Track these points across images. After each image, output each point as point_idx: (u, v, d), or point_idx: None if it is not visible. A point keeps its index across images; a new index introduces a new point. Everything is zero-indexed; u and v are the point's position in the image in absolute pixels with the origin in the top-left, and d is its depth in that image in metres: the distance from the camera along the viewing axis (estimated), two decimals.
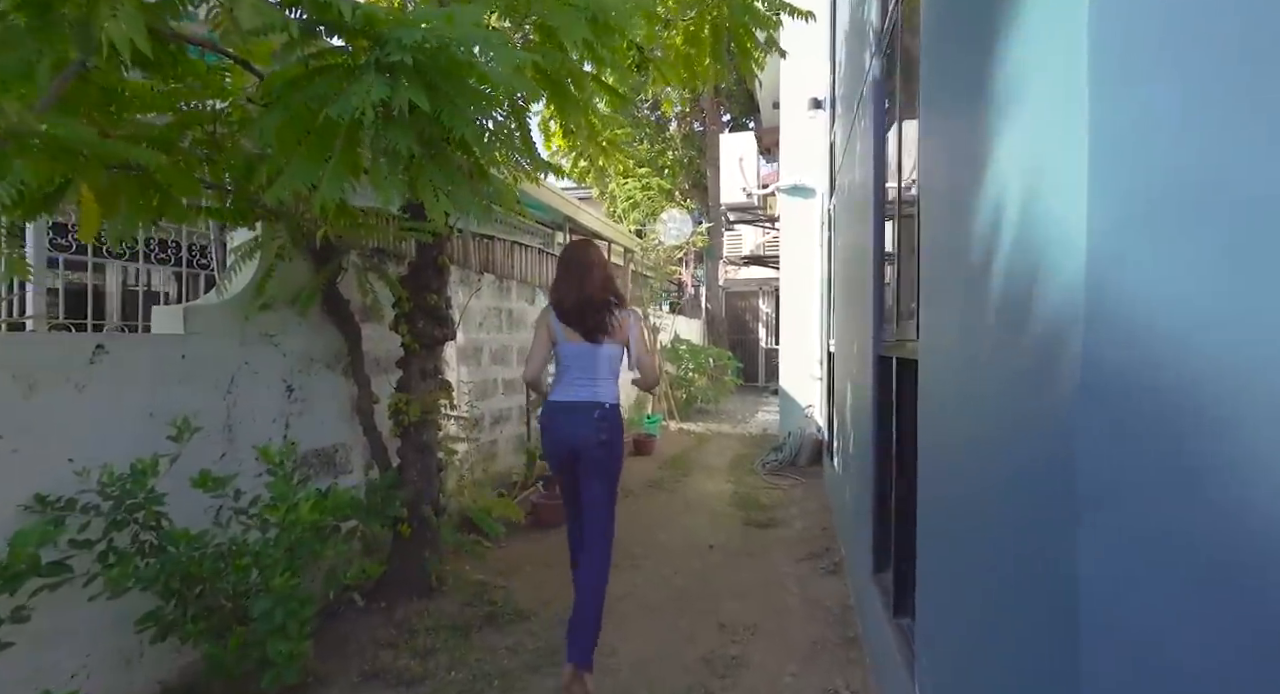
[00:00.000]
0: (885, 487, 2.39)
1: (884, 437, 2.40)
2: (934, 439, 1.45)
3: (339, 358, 2.96)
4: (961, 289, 1.23)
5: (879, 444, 2.43)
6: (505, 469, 4.80)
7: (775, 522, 4.37)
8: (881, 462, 2.41)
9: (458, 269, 4.19)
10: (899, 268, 2.03)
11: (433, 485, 3.12)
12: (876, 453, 2.44)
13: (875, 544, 2.43)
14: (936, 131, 1.46)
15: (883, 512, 2.40)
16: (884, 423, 2.40)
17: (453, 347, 4.07)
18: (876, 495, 2.44)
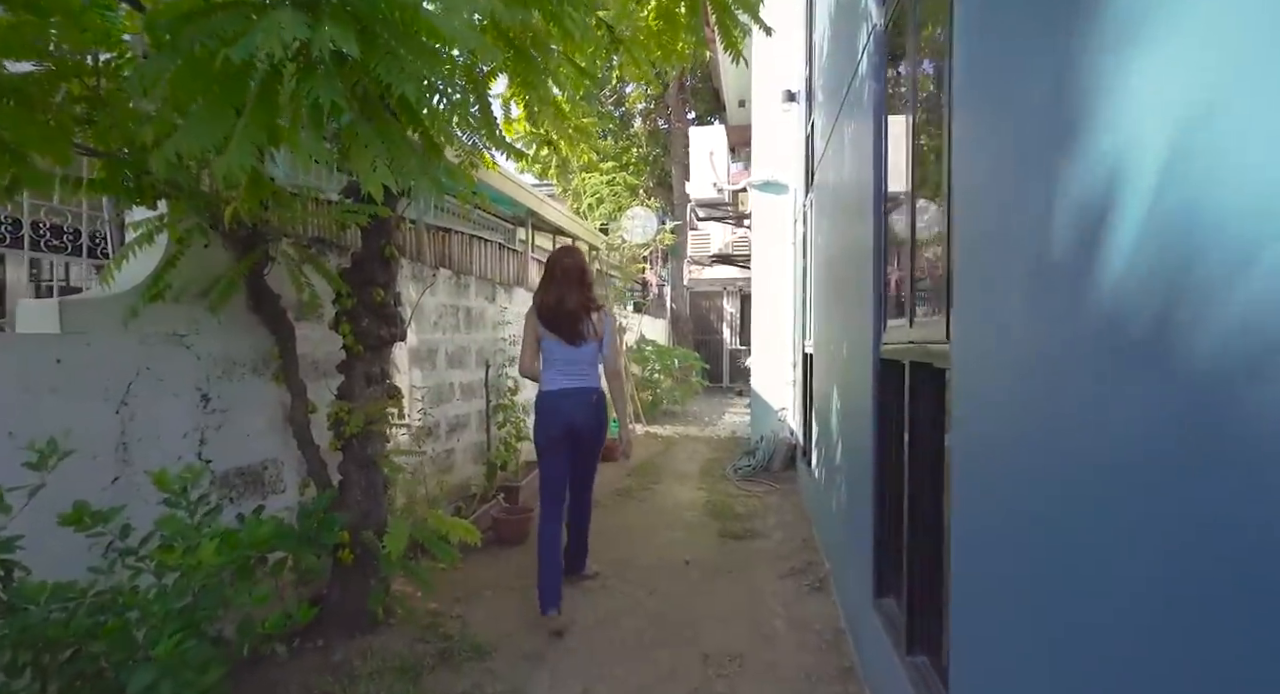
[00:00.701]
0: (888, 503, 2.16)
1: (887, 447, 2.17)
2: (979, 456, 1.21)
3: (268, 361, 2.58)
4: (1024, 287, 1.00)
5: (880, 455, 2.20)
6: (463, 481, 4.44)
7: (753, 533, 4.14)
8: (884, 475, 2.18)
9: (410, 263, 3.82)
10: (911, 264, 1.80)
11: (378, 505, 2.77)
12: (878, 465, 2.21)
13: (876, 567, 2.20)
14: (983, 109, 1.22)
15: (886, 531, 2.18)
16: (888, 432, 2.17)
17: (404, 348, 3.70)
18: (877, 512, 2.21)
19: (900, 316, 2.04)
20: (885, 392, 2.18)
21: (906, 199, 1.91)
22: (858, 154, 2.62)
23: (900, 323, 2.02)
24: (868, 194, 2.34)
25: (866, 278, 2.37)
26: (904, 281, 1.96)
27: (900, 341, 1.96)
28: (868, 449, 2.30)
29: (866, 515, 2.31)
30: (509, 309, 5.24)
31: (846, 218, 2.92)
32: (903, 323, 1.98)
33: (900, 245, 2.09)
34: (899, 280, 2.06)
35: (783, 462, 5.73)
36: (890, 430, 2.17)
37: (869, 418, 2.30)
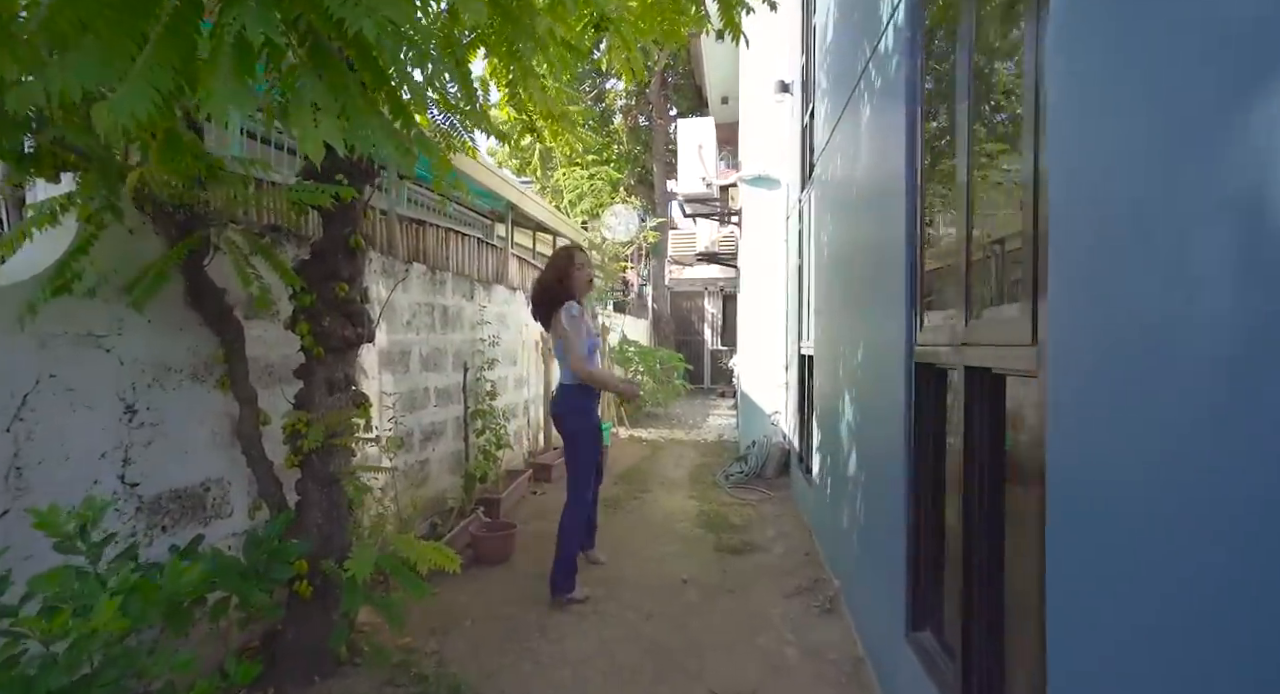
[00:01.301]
0: (926, 526, 1.91)
1: (924, 462, 1.92)
2: (1098, 488, 0.95)
3: (211, 366, 2.24)
4: (1184, 277, 0.74)
5: (915, 471, 1.95)
6: (439, 493, 4.11)
7: (751, 546, 3.88)
8: (920, 493, 1.93)
9: (380, 256, 3.49)
10: (965, 256, 1.55)
11: (341, 529, 2.44)
12: (912, 482, 1.96)
13: (911, 596, 1.95)
14: (1103, 62, 0.97)
15: (922, 557, 1.92)
16: (924, 445, 1.92)
17: (372, 350, 3.36)
18: (911, 536, 1.96)
19: (944, 314, 1.79)
20: (922, 399, 1.93)
21: (951, 183, 1.66)
22: (881, 139, 2.37)
23: (944, 321, 1.77)
24: (896, 181, 2.09)
25: (894, 273, 2.11)
26: (949, 275, 1.71)
27: (945, 343, 1.70)
28: (897, 463, 2.05)
29: (896, 538, 2.06)
30: (488, 308, 4.92)
31: (863, 209, 2.68)
32: (946, 322, 1.73)
33: (942, 236, 1.84)
34: (942, 274, 1.81)
35: (776, 468, 5.49)
36: (928, 443, 1.92)
37: (899, 428, 2.05)
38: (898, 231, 2.08)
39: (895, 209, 2.12)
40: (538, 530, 4.17)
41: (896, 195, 2.09)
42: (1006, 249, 1.37)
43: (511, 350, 5.50)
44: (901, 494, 2.02)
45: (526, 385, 5.90)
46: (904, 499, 2.00)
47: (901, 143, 2.03)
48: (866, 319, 2.60)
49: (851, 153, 2.93)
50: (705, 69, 11.34)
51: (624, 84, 3.42)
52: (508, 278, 5.88)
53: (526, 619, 2.88)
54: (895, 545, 2.08)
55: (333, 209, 2.46)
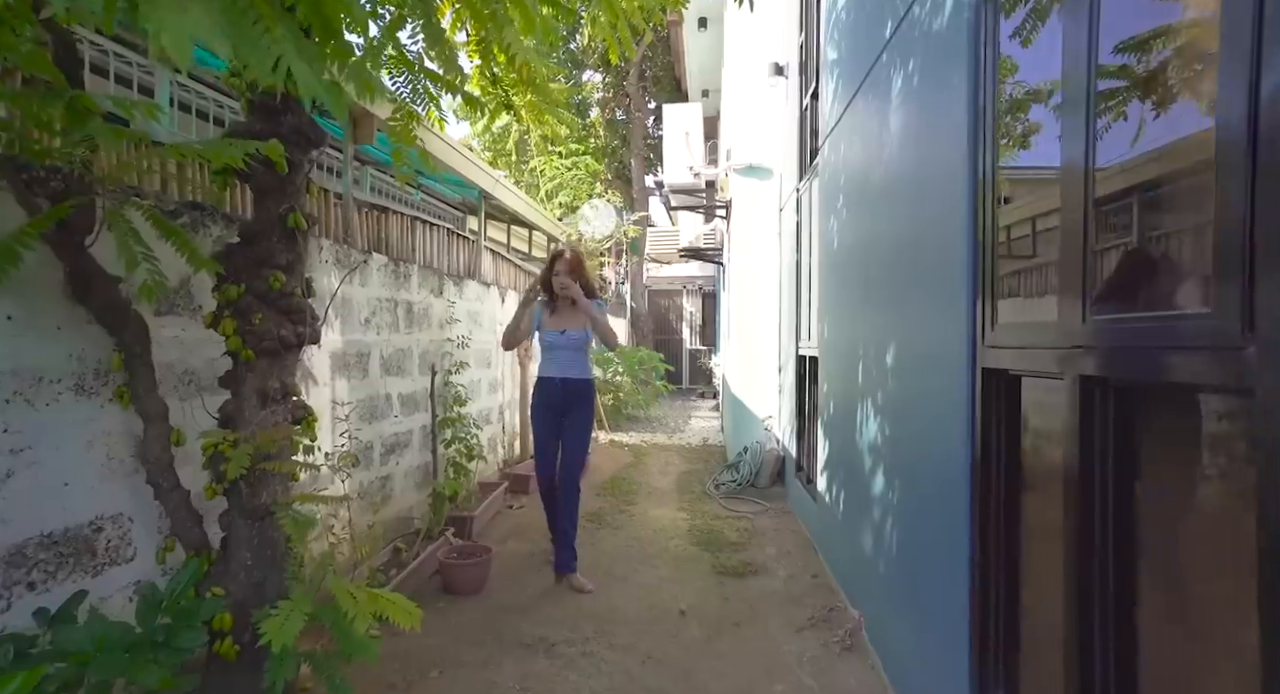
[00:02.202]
0: (999, 565, 1.56)
1: (996, 491, 1.57)
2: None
3: (105, 375, 1.78)
4: None
5: (983, 500, 1.60)
6: (403, 512, 3.66)
7: (753, 567, 3.52)
8: (990, 527, 1.58)
9: (334, 245, 3.03)
10: (1083, 240, 1.20)
11: (277, 570, 2.00)
12: (979, 512, 1.61)
13: (979, 650, 1.60)
14: None
15: (994, 603, 1.57)
16: (997, 470, 1.57)
17: (323, 353, 2.91)
18: (978, 576, 1.61)
19: (1032, 310, 1.44)
20: (991, 412, 1.58)
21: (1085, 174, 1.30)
22: (926, 109, 2.02)
23: (1033, 320, 1.42)
24: (951, 154, 1.74)
25: (948, 264, 1.77)
26: (1044, 262, 1.36)
27: (1038, 345, 1.35)
28: (954, 487, 1.70)
29: (952, 576, 1.71)
30: (458, 305, 4.47)
31: (894, 194, 2.33)
32: (1037, 320, 1.38)
33: (1031, 214, 1.49)
34: (1029, 262, 1.46)
35: (770, 476, 5.16)
36: (998, 466, 1.57)
37: (956, 446, 1.70)
38: (954, 215, 1.73)
39: (950, 188, 1.77)
40: (515, 552, 3.76)
41: (952, 172, 1.74)
42: (1168, 215, 1.02)
43: (485, 352, 5.05)
44: (962, 525, 1.67)
45: (501, 389, 5.46)
46: (966, 530, 1.65)
47: (961, 106, 1.68)
48: (901, 318, 2.25)
49: (874, 131, 2.59)
50: (686, 61, 10.99)
51: (611, 59, 3.00)
52: (481, 272, 5.43)
53: (504, 668, 2.46)
54: (951, 585, 1.73)
55: (265, 180, 2.02)
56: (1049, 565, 1.41)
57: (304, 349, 2.17)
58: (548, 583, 3.31)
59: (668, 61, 13.71)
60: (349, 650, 1.84)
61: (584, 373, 3.43)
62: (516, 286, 6.71)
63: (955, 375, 1.73)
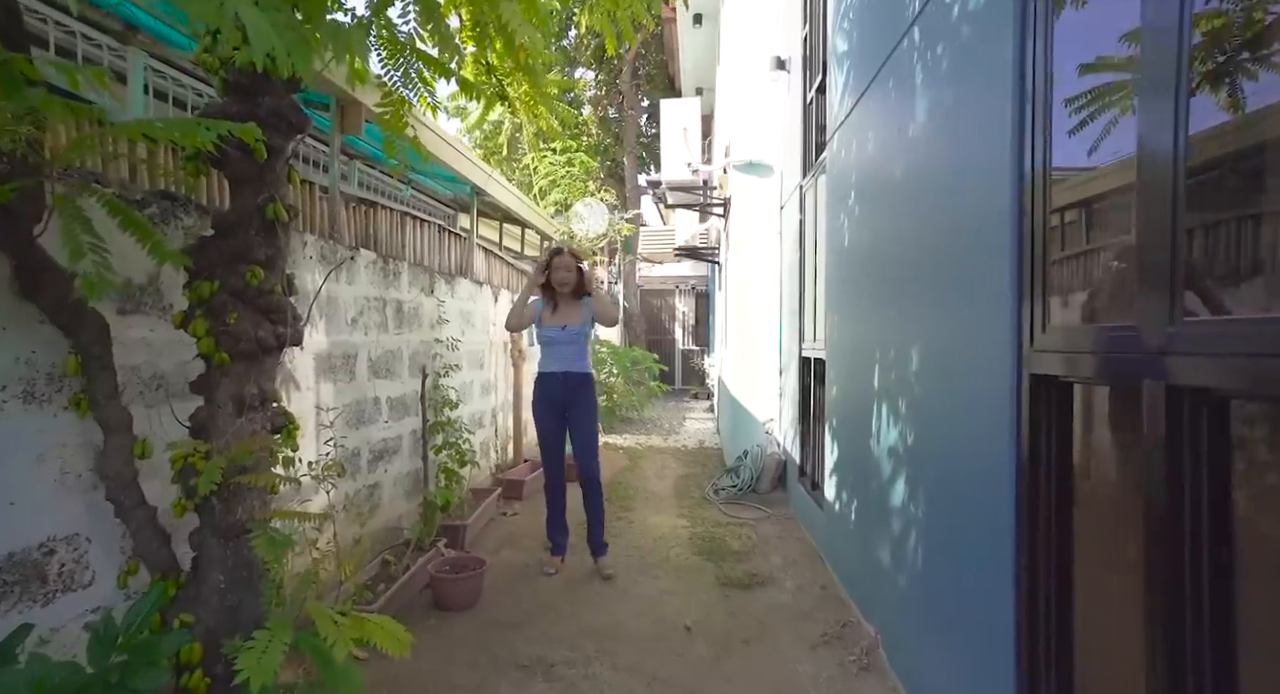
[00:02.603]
0: (1052, 590, 1.42)
1: (1046, 507, 1.44)
2: None
3: (58, 380, 1.60)
4: None
5: (1031, 518, 1.46)
6: (393, 522, 3.48)
7: (759, 578, 3.38)
8: (1038, 548, 1.44)
9: (318, 240, 2.85)
10: (1171, 229, 1.06)
11: (253, 593, 1.83)
12: (1025, 531, 1.47)
13: (1028, 683, 1.47)
14: None
15: (1045, 632, 1.44)
16: (1047, 484, 1.44)
17: (307, 354, 2.73)
18: (1024, 601, 1.47)
19: (1095, 312, 1.30)
20: (1041, 421, 1.45)
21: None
22: (962, 97, 1.88)
23: (1096, 322, 1.28)
24: (994, 146, 1.61)
25: (990, 264, 1.63)
26: (1113, 257, 1.23)
27: (1111, 350, 1.22)
28: (1000, 501, 1.57)
29: (993, 597, 1.57)
30: (450, 304, 4.30)
31: (919, 187, 2.19)
32: (1103, 322, 1.25)
33: (1092, 205, 1.36)
34: (1093, 258, 1.33)
35: (771, 481, 5.02)
36: (1049, 481, 1.43)
37: (999, 458, 1.56)
38: (995, 209, 1.60)
39: (990, 180, 1.63)
40: (509, 563, 3.59)
41: (994, 162, 1.61)
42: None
43: (477, 352, 4.88)
44: (1006, 542, 1.53)
45: (494, 392, 5.28)
46: (1011, 549, 1.52)
47: (1005, 89, 1.54)
48: (927, 320, 2.12)
49: (893, 122, 2.45)
50: (680, 58, 10.85)
51: (609, 49, 2.86)
52: (473, 271, 5.26)
53: (500, 692, 2.30)
54: (993, 606, 1.59)
55: (242, 168, 1.85)
56: (1115, 591, 1.28)
57: (285, 351, 2.01)
58: (544, 596, 3.15)
59: (661, 59, 13.58)
60: (332, 682, 1.67)
61: (584, 366, 3.49)
62: (509, 285, 6.53)
63: (997, 381, 1.59)
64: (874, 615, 2.66)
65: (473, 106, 13.63)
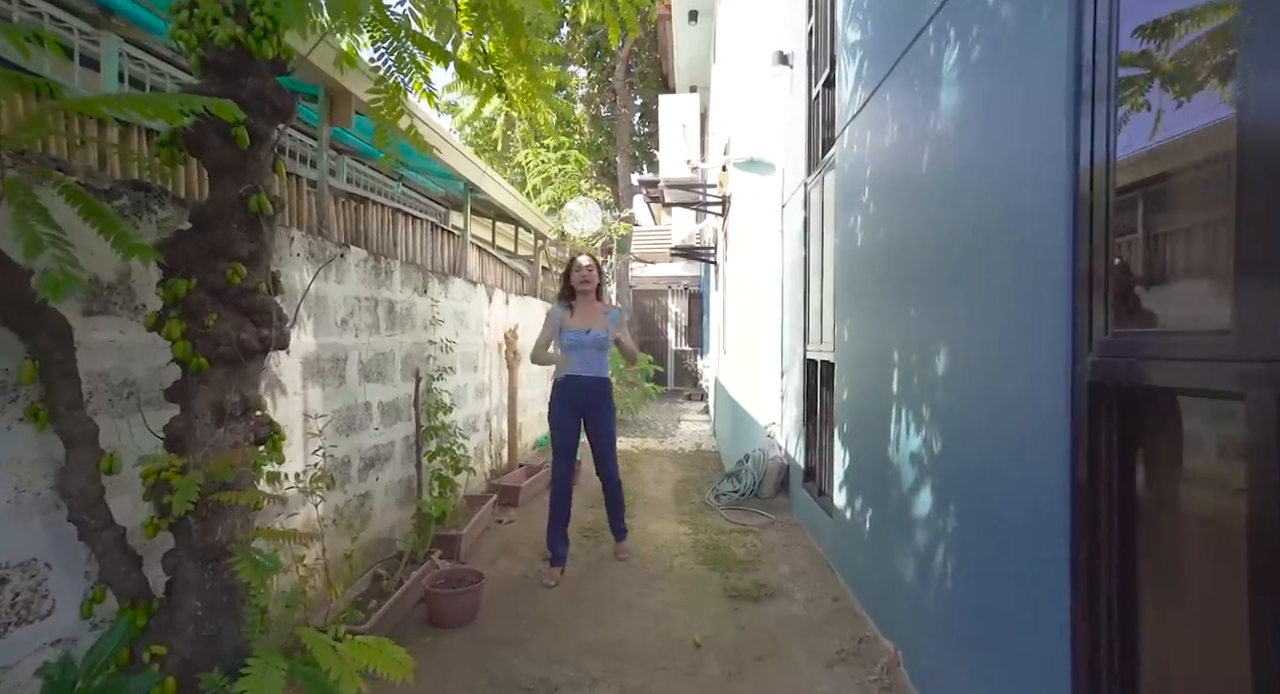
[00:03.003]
0: (1118, 621, 1.30)
1: (1108, 528, 1.32)
2: None
3: (11, 388, 1.44)
4: None
5: (1090, 541, 1.34)
6: (384, 533, 3.32)
7: (767, 589, 3.25)
8: (1105, 571, 1.32)
9: (306, 236, 2.69)
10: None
11: (234, 621, 1.67)
12: (1084, 556, 1.35)
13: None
14: None
15: (1109, 667, 1.31)
16: (1109, 504, 1.32)
17: (295, 359, 2.57)
18: (1087, 628, 1.35)
19: (1179, 314, 1.18)
20: (1106, 435, 1.33)
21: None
22: (1001, 81, 1.76)
23: (1182, 326, 1.16)
24: (1043, 131, 1.49)
25: (1037, 262, 1.52)
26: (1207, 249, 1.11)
27: (1200, 356, 1.10)
28: (1051, 519, 1.45)
29: (1049, 620, 1.45)
30: (443, 304, 4.14)
31: (954, 185, 2.07)
32: (1192, 328, 1.13)
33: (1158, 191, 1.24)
34: (1179, 252, 1.21)
35: (774, 486, 4.90)
36: (1114, 499, 1.31)
37: (1055, 471, 1.44)
38: (1045, 202, 1.48)
39: (1039, 170, 1.51)
40: (506, 574, 3.44)
41: (1042, 147, 1.49)
42: None
43: (471, 354, 4.72)
44: (1059, 568, 1.41)
45: (488, 394, 5.12)
46: (1064, 576, 1.40)
47: (1060, 67, 1.42)
48: (957, 321, 2.00)
49: (915, 114, 2.34)
50: (674, 56, 10.72)
51: (611, 39, 2.73)
52: (467, 270, 5.10)
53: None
54: (1040, 631, 1.47)
55: (222, 155, 1.69)
56: (1201, 630, 1.16)
57: (269, 355, 1.85)
58: (545, 610, 3.01)
59: (654, 58, 13.45)
60: None
61: (604, 371, 3.55)
62: (504, 285, 6.37)
63: (1046, 389, 1.47)
64: (893, 631, 2.54)
65: (465, 103, 13.43)
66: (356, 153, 5.04)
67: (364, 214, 3.70)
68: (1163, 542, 1.26)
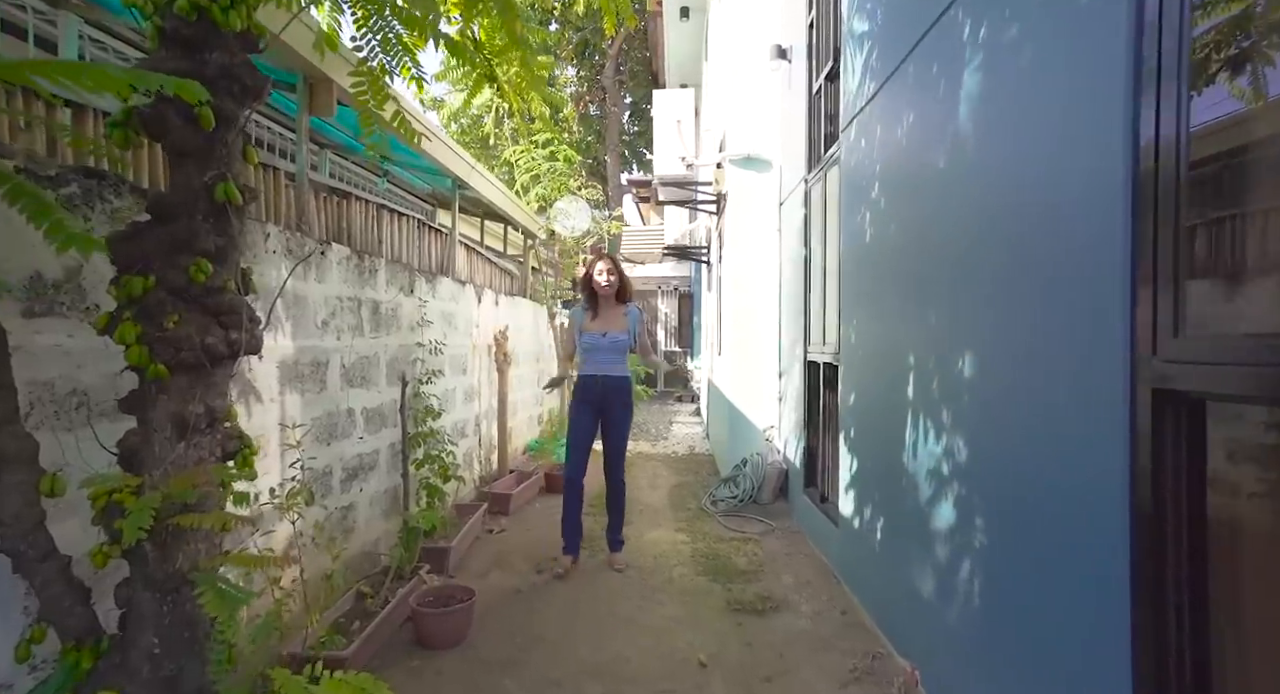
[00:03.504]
0: (1195, 663, 1.17)
1: (1174, 553, 1.19)
2: None
3: None
4: None
5: (1154, 566, 1.21)
6: (368, 546, 3.14)
7: (772, 602, 3.11)
8: (1174, 601, 1.19)
9: (283, 232, 2.51)
10: None
11: (198, 659, 1.50)
12: (1155, 580, 1.22)
13: None
14: None
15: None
16: (1175, 527, 1.19)
17: (271, 363, 2.39)
18: (1154, 667, 1.22)
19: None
20: (1173, 449, 1.20)
21: None
22: (1042, 59, 1.64)
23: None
24: (1098, 116, 1.36)
25: (1093, 260, 1.39)
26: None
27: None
28: (1105, 540, 1.32)
29: (1106, 652, 1.32)
30: (431, 305, 3.96)
31: (984, 177, 1.94)
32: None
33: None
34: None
35: (772, 492, 4.77)
36: (1184, 520, 1.18)
37: (1112, 488, 1.31)
38: (1097, 188, 1.35)
39: (1088, 153, 1.38)
40: (499, 588, 3.27)
41: (1094, 130, 1.36)
42: None
43: (460, 357, 4.54)
44: (1119, 586, 1.28)
45: (478, 398, 4.95)
46: (1126, 599, 1.26)
47: (1117, 40, 1.29)
48: (986, 322, 1.87)
49: (935, 101, 2.21)
50: (664, 53, 10.59)
51: (607, 29, 2.57)
52: (455, 269, 4.92)
53: None
54: (1096, 654, 1.34)
55: (184, 138, 1.52)
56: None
57: (240, 360, 1.68)
58: (540, 627, 2.84)
59: (644, 56, 13.32)
60: None
61: (624, 371, 3.57)
62: (494, 285, 6.20)
63: (1098, 396, 1.34)
64: (909, 648, 2.41)
65: (452, 99, 13.19)
66: (340, 148, 4.85)
67: (347, 210, 3.52)
68: (1237, 561, 1.13)
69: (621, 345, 3.50)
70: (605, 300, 3.53)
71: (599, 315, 3.53)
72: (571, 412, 3.57)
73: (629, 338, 3.53)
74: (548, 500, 4.73)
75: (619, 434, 3.56)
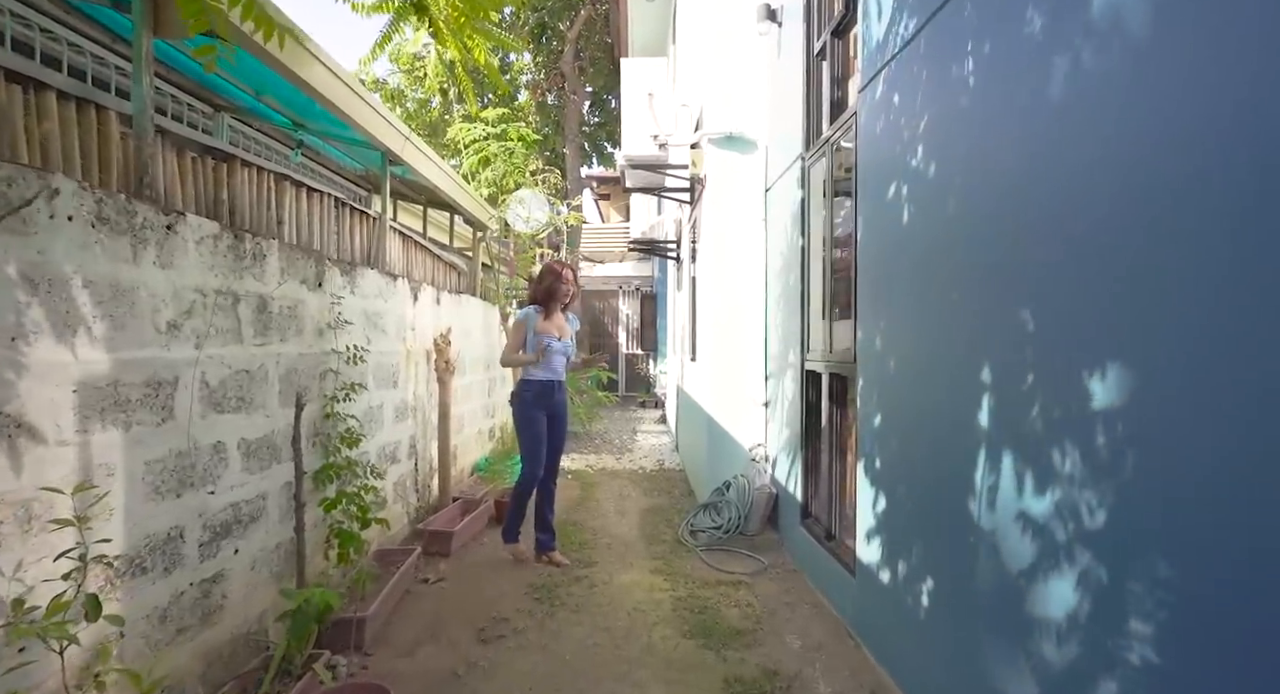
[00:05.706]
0: None
1: None
2: None
3: None
4: None
5: None
6: (248, 625, 2.34)
7: (781, 680, 2.45)
8: None
9: (96, 193, 1.70)
10: None
11: None
12: None
13: None
14: None
15: None
16: None
17: (63, 385, 1.58)
18: None
19: None
20: None
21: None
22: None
23: None
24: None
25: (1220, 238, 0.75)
26: None
27: None
28: None
29: None
30: (349, 303, 3.16)
31: (1116, 131, 1.32)
32: None
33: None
34: None
35: (761, 520, 4.14)
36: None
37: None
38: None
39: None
40: (431, 671, 2.51)
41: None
42: None
43: (389, 366, 3.74)
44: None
45: (413, 415, 4.15)
46: None
47: None
48: (1118, 321, 1.25)
49: (1015, 42, 1.59)
50: (628, 34, 9.91)
51: None
52: (385, 260, 4.12)
53: None
54: None
55: None
56: None
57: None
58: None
59: (605, 41, 12.60)
60: None
61: (564, 376, 3.73)
62: (435, 281, 5.39)
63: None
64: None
65: (395, 80, 12.06)
66: (244, 111, 3.98)
67: (229, 176, 2.70)
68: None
69: (569, 350, 3.66)
70: (557, 307, 3.68)
71: (550, 318, 3.64)
72: (530, 413, 3.57)
73: (572, 341, 3.71)
74: (497, 535, 3.97)
75: (560, 436, 3.75)
